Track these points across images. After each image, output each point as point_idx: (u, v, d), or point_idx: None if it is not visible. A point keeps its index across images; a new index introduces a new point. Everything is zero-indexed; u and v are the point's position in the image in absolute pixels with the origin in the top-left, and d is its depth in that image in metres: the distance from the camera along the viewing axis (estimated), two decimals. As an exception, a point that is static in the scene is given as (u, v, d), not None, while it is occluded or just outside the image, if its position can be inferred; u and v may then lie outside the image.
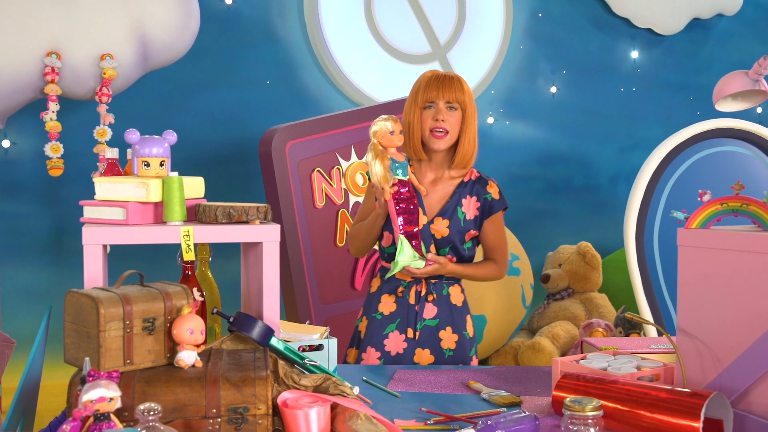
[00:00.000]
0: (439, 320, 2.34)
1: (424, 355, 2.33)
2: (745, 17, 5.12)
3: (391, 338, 2.35)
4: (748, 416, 1.53)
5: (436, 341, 2.34)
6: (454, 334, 2.35)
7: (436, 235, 2.32)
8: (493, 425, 1.51)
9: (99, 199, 1.83)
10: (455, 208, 2.34)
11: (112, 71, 3.25)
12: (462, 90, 2.29)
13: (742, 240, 1.56)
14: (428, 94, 2.28)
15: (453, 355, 2.34)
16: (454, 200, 2.34)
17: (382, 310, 2.37)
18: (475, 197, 2.36)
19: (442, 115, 2.27)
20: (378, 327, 2.36)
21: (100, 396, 1.29)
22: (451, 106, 2.28)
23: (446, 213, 2.33)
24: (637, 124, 4.96)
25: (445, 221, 2.32)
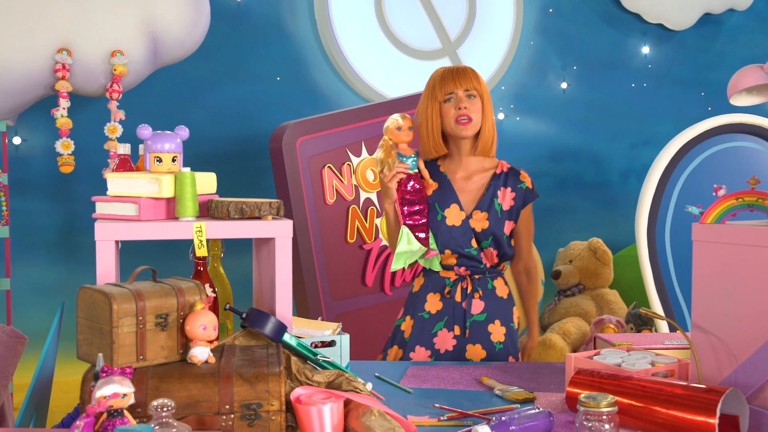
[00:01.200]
0: (487, 314, 2.35)
1: (475, 350, 2.35)
2: (756, 12, 5.09)
3: (440, 336, 2.36)
4: (765, 412, 1.52)
5: (485, 335, 2.35)
6: (503, 327, 2.37)
7: (476, 229, 2.33)
8: (507, 421, 1.50)
9: (111, 195, 1.83)
10: (492, 200, 2.36)
11: (123, 68, 3.26)
12: (477, 79, 2.34)
13: (758, 235, 1.55)
14: (446, 87, 2.31)
15: (503, 348, 2.36)
16: (490, 192, 2.36)
17: (428, 309, 2.38)
18: (509, 188, 2.38)
19: (464, 102, 2.30)
20: (426, 326, 2.38)
21: (113, 392, 1.29)
22: (470, 94, 2.32)
23: (484, 205, 2.35)
24: (649, 120, 4.93)
25: (484, 214, 2.34)
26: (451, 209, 2.34)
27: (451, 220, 2.33)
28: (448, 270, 2.37)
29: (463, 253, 2.33)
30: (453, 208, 2.34)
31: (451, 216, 2.33)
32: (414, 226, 2.32)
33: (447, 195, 2.36)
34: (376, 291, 3.69)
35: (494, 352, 2.34)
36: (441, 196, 2.36)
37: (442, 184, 2.38)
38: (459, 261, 2.35)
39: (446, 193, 2.37)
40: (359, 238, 3.64)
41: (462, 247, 2.33)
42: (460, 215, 2.34)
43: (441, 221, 2.33)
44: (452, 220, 2.33)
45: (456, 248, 2.33)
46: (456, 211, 2.34)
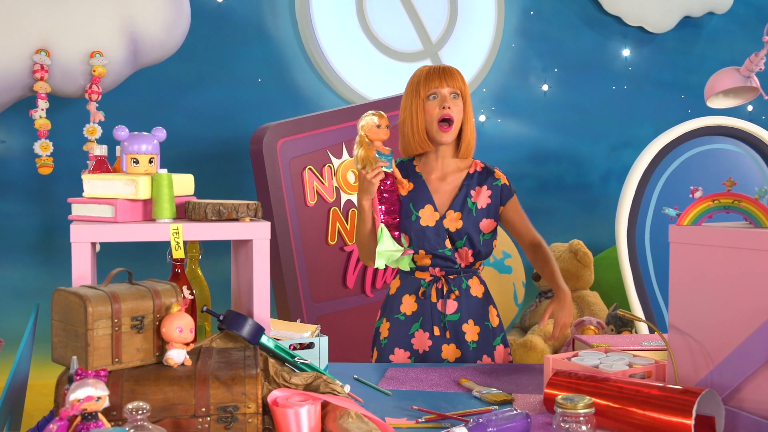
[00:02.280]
0: (461, 314, 2.35)
1: (450, 350, 2.34)
2: (735, 15, 5.13)
3: (417, 337, 2.36)
4: (740, 413, 1.53)
5: (460, 335, 2.35)
6: (476, 326, 2.36)
7: (450, 229, 2.33)
8: (485, 423, 1.50)
9: (87, 197, 1.82)
10: (465, 200, 2.35)
11: (102, 69, 3.23)
12: (462, 80, 2.33)
13: (734, 237, 1.56)
14: (431, 84, 2.30)
15: (476, 347, 2.35)
16: (463, 192, 2.36)
17: (404, 311, 2.38)
18: (485, 186, 2.38)
19: (449, 102, 2.29)
20: (403, 327, 2.37)
21: (87, 395, 1.28)
22: (455, 93, 2.31)
23: (457, 205, 2.35)
24: (629, 122, 4.96)
25: (458, 213, 2.34)
26: (425, 210, 2.34)
27: (425, 220, 2.33)
28: (423, 271, 2.37)
29: (437, 253, 2.33)
30: (427, 208, 2.34)
31: (425, 216, 2.33)
32: (389, 225, 2.32)
33: (421, 195, 2.36)
34: (357, 293, 3.69)
35: (468, 352, 2.34)
36: (415, 197, 2.36)
37: (417, 184, 2.38)
38: (433, 261, 2.35)
39: (421, 193, 2.36)
40: (340, 239, 3.63)
41: (435, 247, 2.32)
42: (434, 216, 2.33)
43: (415, 221, 2.33)
44: (426, 220, 2.33)
45: (430, 249, 2.33)
46: (430, 211, 2.34)
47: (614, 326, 3.80)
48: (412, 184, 2.38)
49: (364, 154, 2.23)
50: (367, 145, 2.23)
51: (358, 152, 2.24)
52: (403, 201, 2.36)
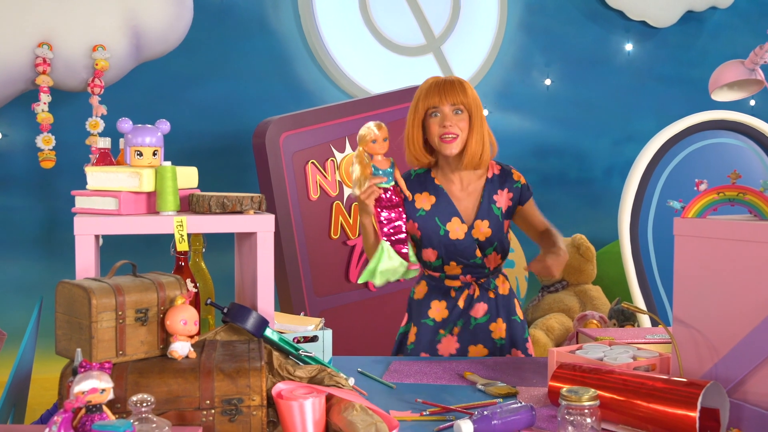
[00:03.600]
0: (490, 315, 2.33)
1: (477, 350, 2.32)
2: (738, 10, 5.12)
3: (443, 342, 2.33)
4: (745, 405, 1.52)
5: (487, 334, 2.33)
6: (504, 323, 2.34)
7: (480, 238, 2.28)
8: (489, 416, 1.50)
9: (91, 189, 1.81)
10: (490, 206, 2.30)
11: (105, 62, 3.23)
12: (465, 93, 2.23)
13: (739, 229, 1.55)
14: (430, 101, 2.22)
15: (504, 344, 2.33)
16: (486, 200, 2.30)
17: (433, 316, 2.34)
18: (506, 189, 2.33)
19: (449, 120, 2.21)
20: (430, 333, 2.34)
21: (91, 387, 1.27)
22: (457, 109, 2.22)
23: (483, 213, 2.29)
24: (632, 117, 4.96)
25: (485, 222, 2.29)
26: (452, 223, 2.28)
27: (454, 234, 2.27)
28: (453, 279, 2.33)
29: (468, 263, 2.30)
30: (454, 221, 2.28)
31: (454, 230, 2.28)
32: (394, 241, 2.21)
33: (446, 208, 2.29)
34: (359, 287, 3.68)
35: (495, 348, 2.33)
36: (440, 210, 2.29)
37: (439, 197, 2.30)
38: (464, 270, 2.31)
39: (445, 206, 2.29)
40: (343, 233, 3.63)
41: (467, 258, 2.28)
42: (462, 228, 2.28)
43: (444, 236, 2.27)
44: (455, 233, 2.27)
45: (461, 260, 2.29)
46: (458, 224, 2.28)
47: (617, 320, 3.80)
48: (433, 198, 2.31)
49: (359, 175, 2.15)
50: (365, 160, 2.14)
51: (354, 171, 2.15)
52: (426, 216, 2.29)
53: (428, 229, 2.28)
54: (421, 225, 2.29)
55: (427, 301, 2.36)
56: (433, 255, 2.30)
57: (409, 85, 3.90)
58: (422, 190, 2.32)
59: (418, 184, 2.33)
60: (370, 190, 2.14)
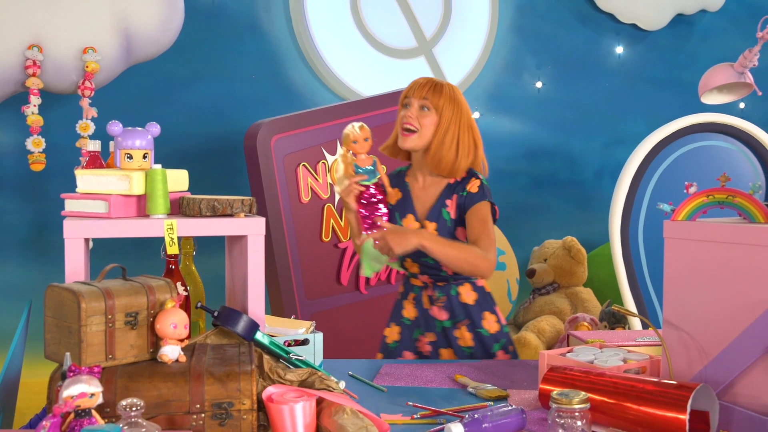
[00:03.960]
0: (452, 321, 2.35)
1: (447, 353, 2.36)
2: (728, 13, 5.14)
3: (420, 340, 2.40)
4: (734, 408, 1.53)
5: (453, 340, 2.36)
6: (469, 333, 2.34)
7: None
8: (480, 419, 1.50)
9: (81, 192, 1.81)
10: (440, 210, 2.32)
11: (95, 64, 3.22)
12: (440, 94, 2.25)
13: (728, 232, 1.56)
14: (406, 92, 2.31)
15: (473, 353, 2.35)
16: (439, 202, 2.33)
17: (407, 316, 2.42)
18: (455, 195, 2.32)
19: (411, 111, 2.27)
20: (408, 331, 2.41)
21: (80, 392, 1.27)
22: (424, 106, 2.26)
23: (433, 216, 2.32)
24: (622, 119, 4.97)
25: (433, 224, 2.31)
26: (407, 219, 2.35)
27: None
28: (415, 278, 2.40)
29: (421, 261, 2.32)
30: (409, 217, 2.35)
31: (407, 226, 2.34)
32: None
33: (405, 204, 2.37)
34: (351, 290, 3.68)
35: (464, 356, 2.34)
36: (401, 206, 2.38)
37: (404, 193, 2.40)
38: (421, 269, 2.35)
39: (405, 202, 2.38)
40: (334, 236, 3.63)
41: (419, 256, 2.29)
42: (415, 226, 2.33)
43: None
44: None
45: (415, 258, 2.32)
46: (411, 220, 2.35)
47: (608, 323, 3.81)
48: (400, 193, 2.40)
49: (341, 174, 2.21)
50: (348, 159, 2.20)
51: (336, 170, 2.22)
52: (392, 209, 2.38)
53: (392, 223, 2.35)
54: (390, 219, 2.34)
55: (402, 301, 2.44)
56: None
57: (400, 87, 3.88)
58: (396, 185, 2.41)
59: (397, 179, 2.42)
60: (350, 187, 2.20)
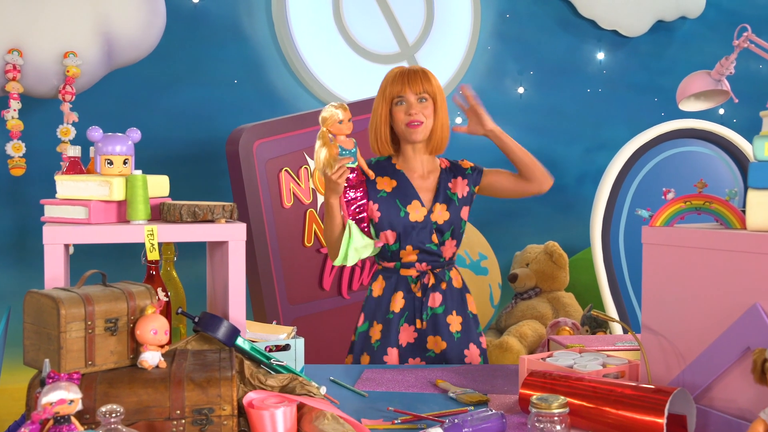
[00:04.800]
0: (445, 306, 2.38)
1: (435, 341, 2.37)
2: (707, 20, 5.20)
3: (402, 332, 2.38)
4: (711, 411, 1.54)
5: (445, 326, 2.37)
6: (458, 316, 2.40)
7: (438, 221, 2.36)
8: (460, 423, 1.51)
9: (60, 198, 1.80)
10: (446, 193, 2.41)
11: (76, 69, 3.21)
12: (429, 81, 2.34)
13: (705, 237, 1.58)
14: (396, 89, 2.33)
15: (461, 337, 2.38)
16: (442, 186, 2.41)
17: (393, 309, 2.38)
18: (459, 177, 2.44)
19: (414, 108, 2.32)
20: (393, 326, 2.38)
21: (59, 398, 1.27)
22: (421, 98, 2.33)
23: (440, 197, 2.39)
24: (603, 125, 5.01)
25: (443, 205, 2.38)
26: (412, 205, 2.36)
27: (413, 216, 2.35)
28: (409, 268, 2.38)
29: (424, 248, 2.35)
30: (414, 204, 2.36)
31: (414, 212, 2.35)
32: (359, 220, 2.34)
33: (407, 192, 2.38)
34: (333, 295, 3.68)
35: (453, 342, 2.37)
36: (401, 193, 2.37)
37: (400, 181, 2.39)
38: (420, 257, 2.37)
39: (406, 189, 2.38)
40: (317, 242, 3.63)
41: (423, 242, 2.35)
42: (422, 211, 2.36)
43: (404, 217, 2.35)
44: (415, 216, 2.35)
45: (418, 244, 2.35)
46: (418, 206, 2.36)
47: (589, 327, 3.83)
48: (394, 181, 2.39)
49: (327, 156, 2.16)
50: (330, 141, 2.15)
51: (321, 153, 2.16)
52: (387, 197, 2.36)
53: (388, 210, 2.35)
54: (381, 206, 2.36)
55: (387, 296, 2.40)
56: (392, 237, 2.36)
57: (382, 93, 3.90)
58: (383, 174, 2.40)
59: (380, 168, 2.42)
60: (342, 170, 2.16)
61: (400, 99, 2.33)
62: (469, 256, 4.23)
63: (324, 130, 2.16)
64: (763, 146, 1.51)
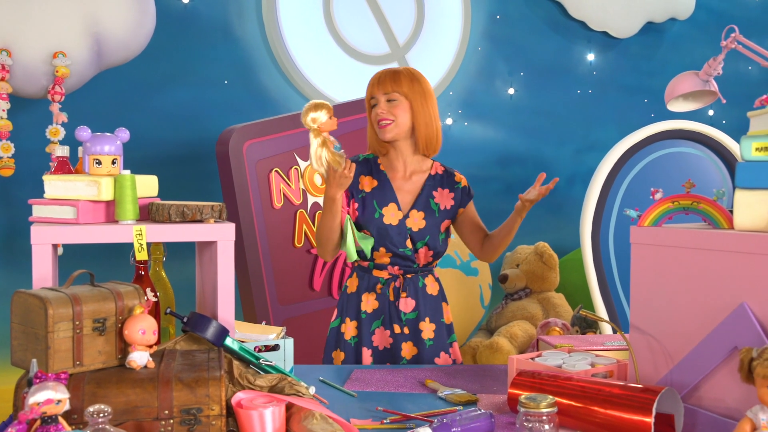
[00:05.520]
0: (418, 312, 2.37)
1: (407, 347, 2.37)
2: (697, 22, 5.22)
3: (377, 334, 2.38)
4: (699, 411, 1.55)
5: (417, 333, 2.37)
6: (432, 323, 2.39)
7: (413, 228, 2.35)
8: (449, 423, 1.51)
9: (49, 198, 1.79)
10: (428, 200, 2.38)
11: (65, 69, 3.20)
12: (399, 82, 2.33)
13: (693, 237, 1.58)
14: (369, 92, 2.38)
15: (433, 344, 2.37)
16: (425, 192, 2.39)
17: (365, 309, 2.39)
18: (447, 189, 2.41)
19: (380, 107, 2.34)
20: (366, 325, 2.38)
21: (47, 398, 1.26)
22: (390, 98, 2.34)
23: (420, 205, 2.37)
24: (593, 126, 5.02)
25: (421, 213, 2.36)
26: (388, 208, 2.36)
27: (388, 218, 2.35)
28: (381, 269, 2.39)
29: (398, 252, 2.35)
30: (391, 206, 2.36)
31: (389, 215, 2.35)
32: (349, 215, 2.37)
33: (386, 193, 2.38)
34: (323, 295, 3.68)
35: (424, 350, 2.36)
36: (380, 194, 2.37)
37: (381, 182, 2.39)
38: (392, 260, 2.37)
39: (385, 191, 2.38)
40: (307, 242, 3.62)
41: (397, 246, 2.34)
42: (398, 215, 2.36)
43: (378, 219, 2.35)
44: (389, 218, 2.35)
45: (391, 247, 2.34)
46: (394, 210, 2.36)
47: (579, 327, 3.84)
48: (375, 181, 2.39)
49: (330, 155, 2.19)
50: (326, 140, 2.18)
51: (322, 153, 2.18)
52: (366, 197, 2.37)
53: (366, 210, 2.36)
54: (359, 205, 2.37)
55: (359, 294, 2.41)
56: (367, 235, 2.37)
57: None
58: (367, 173, 2.41)
59: (365, 166, 2.42)
60: (349, 163, 2.20)
61: (373, 100, 2.37)
62: (460, 257, 4.23)
63: (316, 128, 2.18)
64: (750, 146, 1.52)
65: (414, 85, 2.35)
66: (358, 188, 2.38)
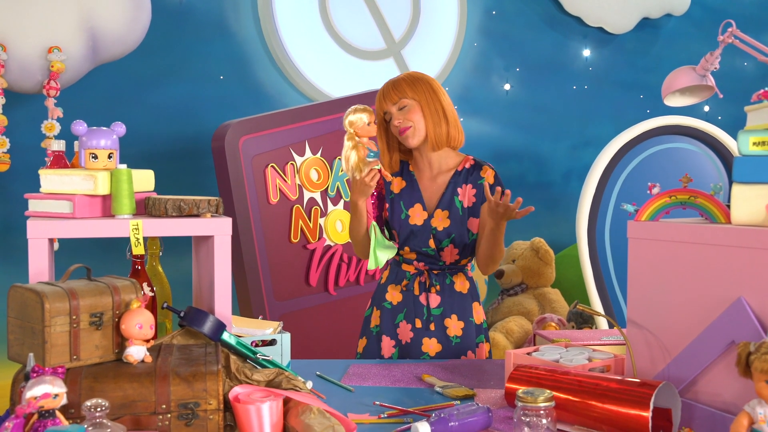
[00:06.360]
0: (444, 309, 2.38)
1: (431, 344, 2.37)
2: (692, 17, 5.23)
3: (401, 327, 2.40)
4: (696, 405, 1.55)
5: (442, 329, 2.38)
6: (460, 321, 2.39)
7: (437, 228, 2.35)
8: (446, 418, 1.51)
9: (45, 192, 1.79)
10: (452, 198, 2.38)
11: (61, 64, 3.18)
12: (400, 88, 2.34)
13: (690, 232, 1.58)
14: (379, 109, 2.38)
15: (460, 342, 2.38)
16: (449, 191, 2.38)
17: (390, 300, 2.43)
18: (470, 185, 2.39)
19: (396, 118, 2.34)
20: (390, 316, 2.42)
21: (44, 392, 1.26)
22: (401, 106, 2.34)
23: (444, 204, 2.37)
24: (589, 122, 5.02)
25: (445, 212, 2.36)
26: (414, 208, 2.38)
27: (413, 219, 2.37)
28: (408, 264, 2.42)
29: (421, 251, 2.37)
30: (416, 207, 2.38)
31: (414, 215, 2.37)
32: (379, 220, 2.40)
33: (412, 194, 2.40)
34: (319, 291, 3.68)
35: (450, 346, 2.37)
36: (407, 195, 2.40)
37: (409, 183, 2.41)
38: (418, 257, 2.39)
39: (412, 192, 2.40)
40: (303, 237, 3.62)
41: (420, 246, 2.36)
42: (423, 215, 2.37)
43: (405, 219, 2.37)
44: (414, 219, 2.37)
45: (414, 247, 2.37)
46: (419, 210, 2.38)
47: (575, 323, 3.84)
48: (404, 182, 2.41)
49: (357, 160, 2.24)
50: (359, 145, 2.24)
51: (350, 155, 2.25)
52: (394, 198, 2.40)
53: (394, 210, 2.40)
54: (390, 206, 2.41)
55: (386, 285, 2.45)
56: (396, 236, 2.41)
57: (369, 89, 3.91)
58: (398, 174, 2.44)
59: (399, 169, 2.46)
60: (373, 172, 2.26)
61: (387, 115, 2.38)
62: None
63: (352, 132, 2.25)
64: (747, 141, 1.52)
65: (417, 86, 2.35)
66: (389, 190, 2.42)
